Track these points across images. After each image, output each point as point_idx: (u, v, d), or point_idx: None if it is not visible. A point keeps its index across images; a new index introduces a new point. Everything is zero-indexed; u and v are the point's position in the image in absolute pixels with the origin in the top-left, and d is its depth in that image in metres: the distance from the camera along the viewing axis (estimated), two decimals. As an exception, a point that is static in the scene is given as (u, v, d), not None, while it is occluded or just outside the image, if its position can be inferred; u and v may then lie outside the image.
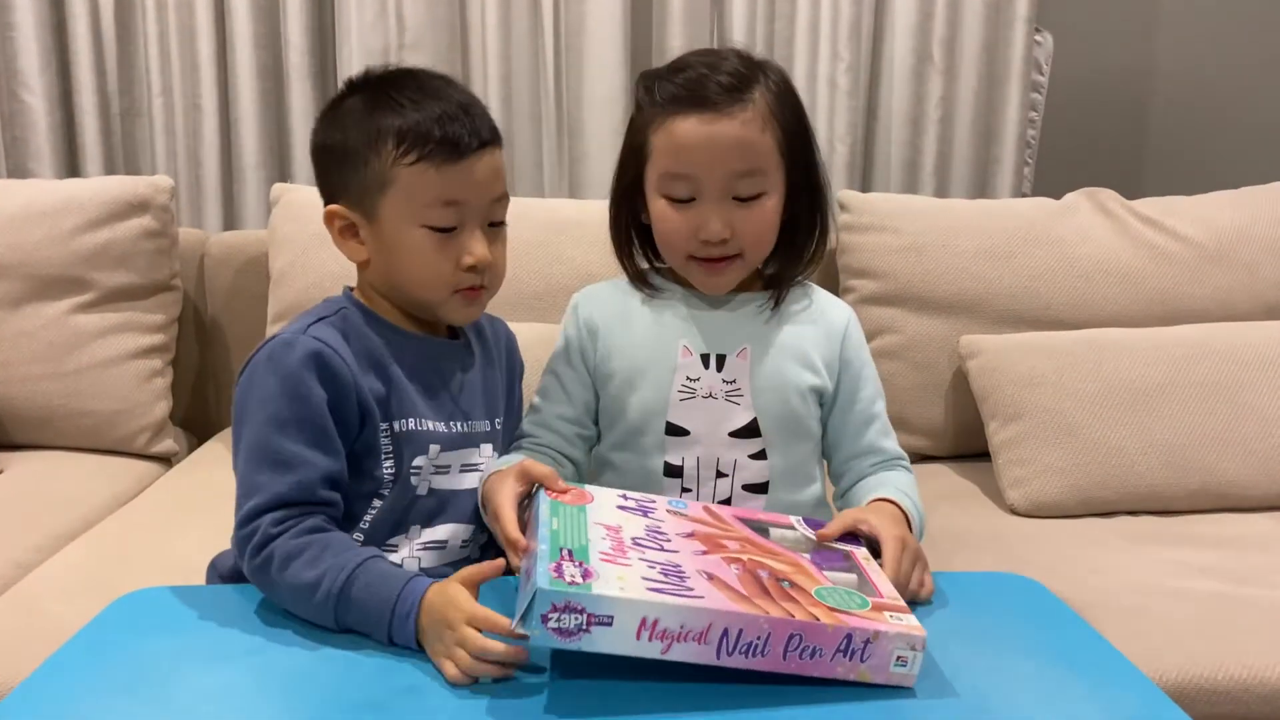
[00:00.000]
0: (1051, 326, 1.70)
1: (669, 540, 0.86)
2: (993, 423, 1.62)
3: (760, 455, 1.10)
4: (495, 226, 1.02)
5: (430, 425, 1.00)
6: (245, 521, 0.90)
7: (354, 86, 1.01)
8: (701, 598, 0.76)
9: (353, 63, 2.04)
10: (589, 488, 0.95)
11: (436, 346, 1.05)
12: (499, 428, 1.09)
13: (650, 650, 0.74)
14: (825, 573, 0.87)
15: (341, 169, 0.99)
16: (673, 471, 1.10)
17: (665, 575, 0.78)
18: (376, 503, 0.98)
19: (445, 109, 0.96)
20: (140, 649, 0.83)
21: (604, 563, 0.78)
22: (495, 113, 2.13)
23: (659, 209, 1.07)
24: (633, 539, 0.84)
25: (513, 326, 1.68)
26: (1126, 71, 2.33)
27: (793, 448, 1.12)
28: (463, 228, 0.98)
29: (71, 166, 2.15)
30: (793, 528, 0.96)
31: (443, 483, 1.02)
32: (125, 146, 2.17)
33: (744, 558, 0.85)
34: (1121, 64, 2.32)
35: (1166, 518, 1.52)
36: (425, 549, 1.02)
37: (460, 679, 0.77)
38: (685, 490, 1.10)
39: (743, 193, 1.04)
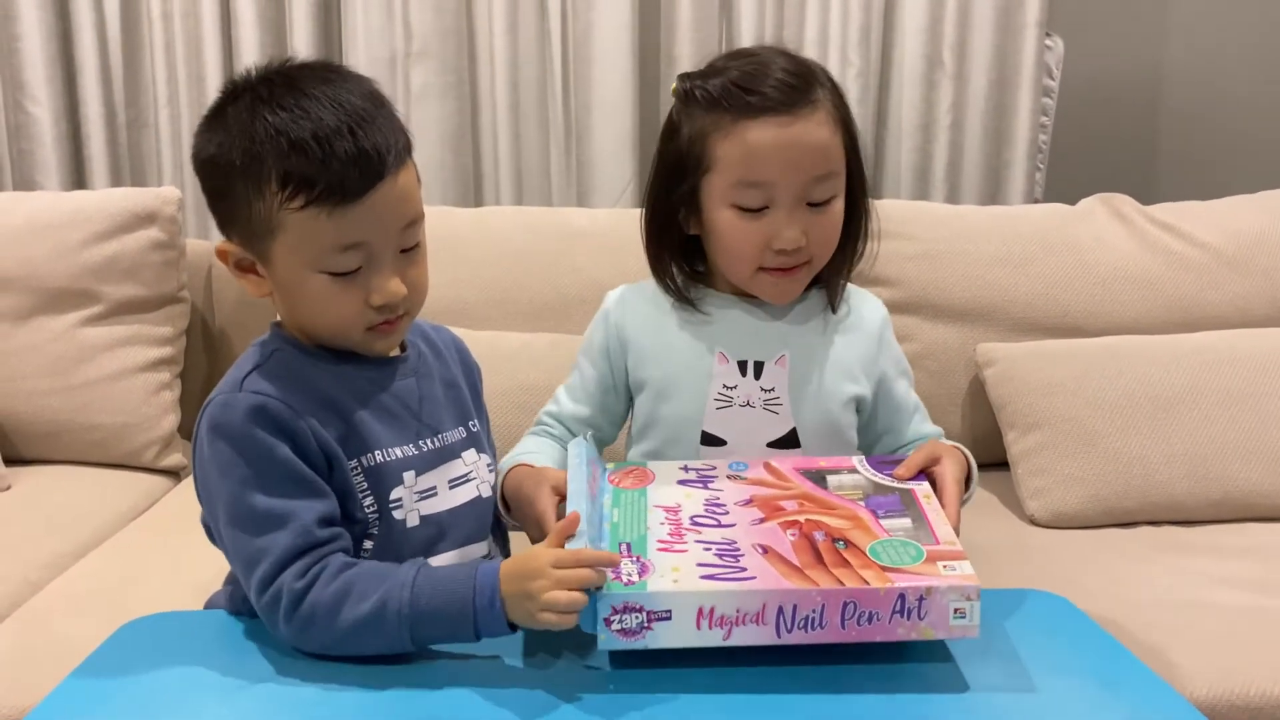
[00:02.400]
0: (1069, 334, 1.69)
1: (726, 513, 0.87)
2: (1011, 432, 1.60)
3: None
4: (409, 251, 0.90)
5: (399, 453, 0.92)
6: (264, 588, 0.83)
7: (234, 92, 0.88)
8: (754, 578, 0.76)
9: (359, 70, 2.03)
10: (651, 464, 0.95)
11: (383, 368, 0.95)
12: (476, 430, 1.02)
13: (712, 638, 0.75)
14: (882, 521, 0.86)
15: (225, 199, 0.88)
16: None
17: (720, 557, 0.79)
18: (367, 544, 0.91)
19: (332, 134, 0.82)
20: (147, 679, 0.81)
21: (661, 553, 0.79)
22: (502, 120, 2.15)
23: (725, 220, 1.02)
24: (691, 519, 0.85)
25: (524, 337, 1.69)
26: (1138, 75, 2.32)
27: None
28: (368, 266, 0.87)
29: (78, 178, 2.14)
30: (854, 469, 0.96)
31: (435, 506, 0.94)
32: (132, 158, 2.16)
33: (801, 519, 0.85)
34: (1133, 68, 2.31)
35: (1189, 528, 1.50)
36: None
37: (569, 620, 0.77)
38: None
39: (817, 198, 1.01)
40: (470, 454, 0.99)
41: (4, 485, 1.66)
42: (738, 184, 1.01)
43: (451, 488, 0.96)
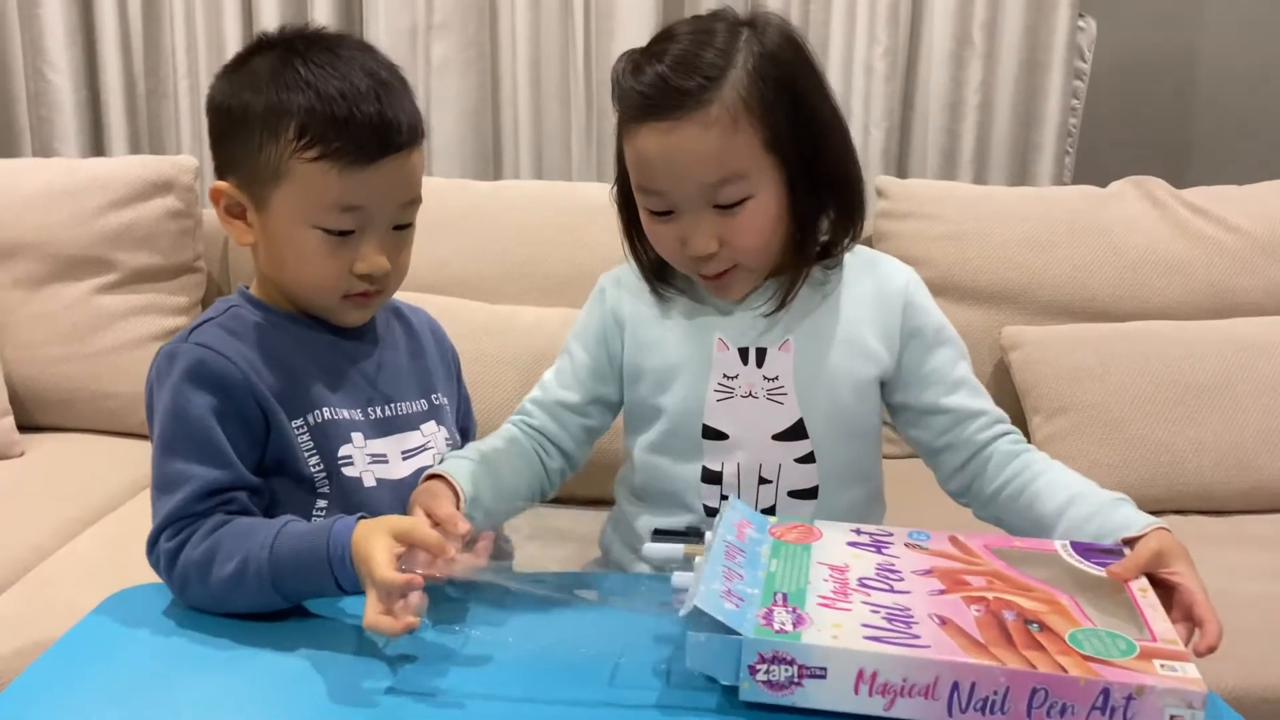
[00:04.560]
0: (1097, 318, 1.65)
1: (901, 579, 0.76)
2: (1036, 417, 1.57)
3: (808, 459, 0.98)
4: (401, 229, 0.92)
5: (346, 414, 0.92)
6: (150, 548, 0.85)
7: (264, 44, 0.89)
8: (927, 646, 0.67)
9: (380, 44, 2.01)
10: (818, 523, 0.84)
11: (342, 333, 0.96)
12: (440, 402, 1.01)
13: (872, 706, 0.66)
14: (1087, 610, 0.73)
15: (234, 142, 0.88)
16: (711, 477, 0.99)
17: (889, 621, 0.70)
18: (321, 503, 0.91)
19: (359, 97, 0.84)
20: (129, 653, 0.78)
21: (821, 608, 0.70)
22: (523, 94, 2.13)
23: (645, 221, 0.96)
24: (859, 580, 0.75)
25: (540, 311, 1.67)
26: (1172, 57, 2.26)
27: (845, 448, 1.00)
28: (361, 232, 0.88)
29: (97, 147, 2.14)
30: (1055, 553, 0.81)
31: (387, 473, 0.94)
32: (151, 127, 2.15)
33: (989, 596, 0.74)
34: (1166, 49, 2.25)
35: (1218, 518, 1.47)
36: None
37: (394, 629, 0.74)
38: (724, 497, 0.98)
39: (723, 200, 0.90)
40: (430, 426, 0.99)
41: (17, 451, 1.66)
42: (638, 189, 0.94)
43: (405, 458, 0.96)
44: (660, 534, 0.87)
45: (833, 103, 0.95)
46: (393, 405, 0.97)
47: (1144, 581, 0.77)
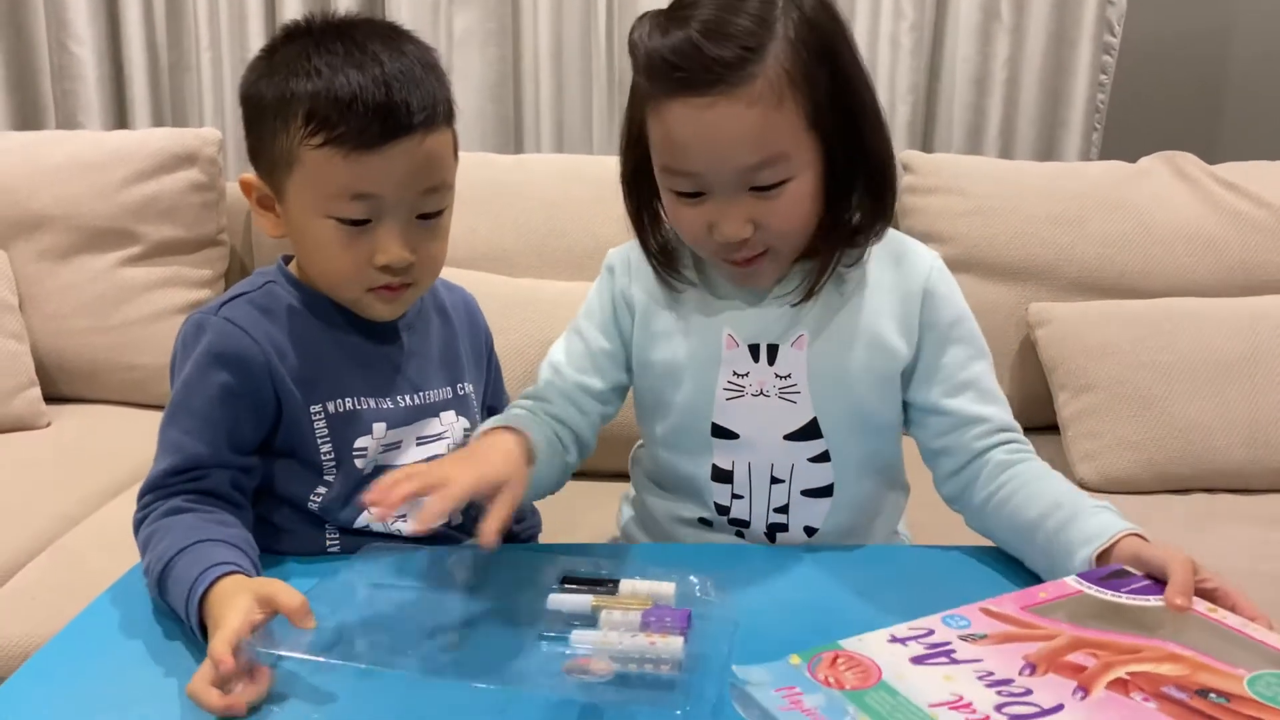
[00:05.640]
0: (1125, 295, 1.63)
1: (1028, 692, 0.64)
2: (1062, 394, 1.55)
3: (822, 458, 0.93)
4: (429, 218, 0.87)
5: (372, 404, 0.90)
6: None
7: (290, 34, 0.88)
8: None
9: (401, 17, 2.00)
10: (844, 643, 0.69)
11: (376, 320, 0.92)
12: (465, 392, 0.98)
13: None
14: (1203, 651, 0.67)
15: (256, 132, 0.87)
16: (721, 476, 0.95)
17: None
18: (321, 489, 0.90)
19: (368, 81, 0.81)
20: (148, 624, 0.78)
21: None
22: (544, 70, 2.11)
23: (668, 203, 0.88)
24: (999, 709, 0.62)
25: (563, 285, 1.66)
26: (1202, 32, 2.22)
27: (863, 444, 0.94)
28: (379, 221, 0.84)
29: (120, 120, 2.14)
30: (1080, 593, 0.75)
31: (393, 459, 0.91)
32: (174, 100, 2.15)
33: (1121, 674, 0.65)
34: (1197, 24, 2.22)
35: (1247, 496, 1.45)
36: (394, 519, 0.91)
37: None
38: (737, 497, 0.94)
39: (761, 183, 0.83)
40: (449, 415, 0.96)
41: (44, 422, 1.67)
42: (665, 170, 0.86)
43: (419, 445, 0.94)
44: (569, 582, 0.79)
45: (866, 74, 0.86)
46: (421, 394, 0.94)
47: (1205, 604, 0.73)
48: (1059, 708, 0.62)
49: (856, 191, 0.88)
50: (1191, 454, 1.45)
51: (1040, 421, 1.64)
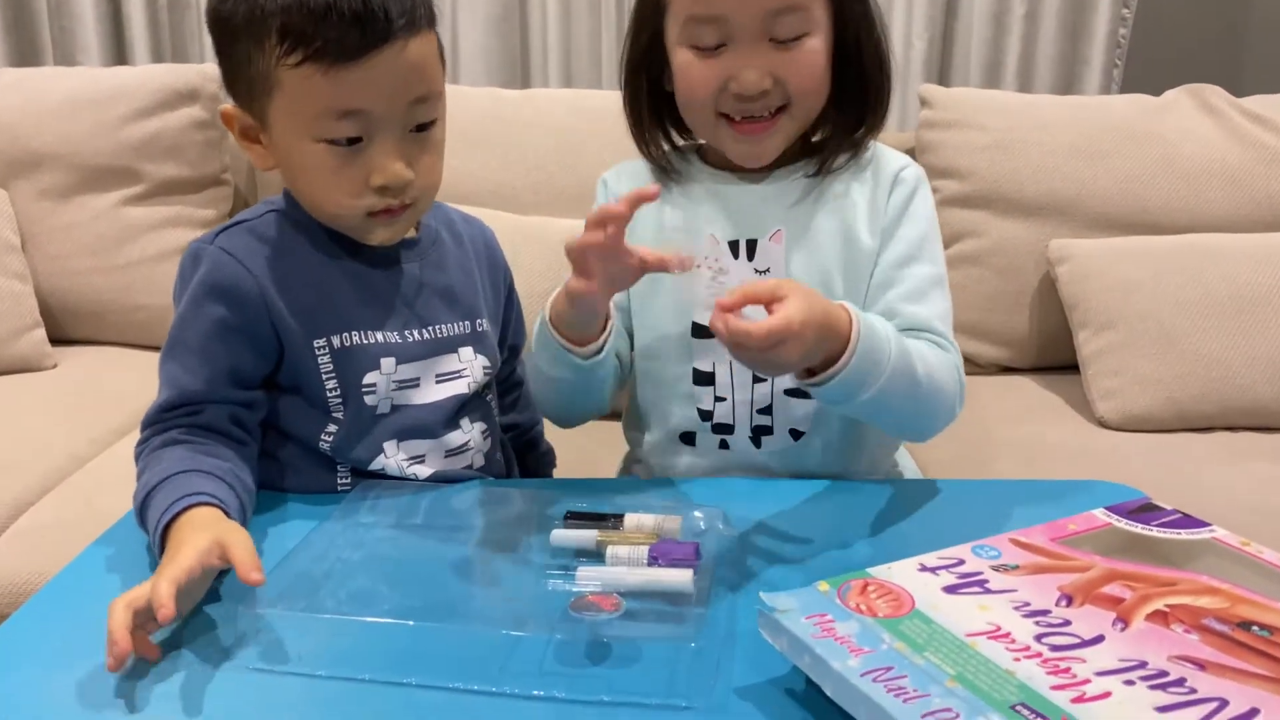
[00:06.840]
0: (1149, 231, 1.59)
1: (1066, 623, 0.63)
2: (1083, 332, 1.52)
3: None
4: (422, 130, 0.83)
5: (379, 337, 0.87)
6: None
7: None
8: (1226, 702, 0.55)
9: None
10: (872, 570, 0.67)
11: (384, 250, 0.89)
12: (482, 329, 0.95)
13: None
14: (1238, 588, 0.65)
15: (230, 57, 0.82)
16: (703, 379, 0.95)
17: (1166, 690, 0.56)
18: (331, 427, 0.87)
19: None
20: (135, 580, 0.72)
21: (1076, 704, 0.55)
22: (552, 4, 2.06)
23: (682, 61, 0.90)
24: (1039, 639, 0.61)
25: (569, 223, 1.62)
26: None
27: None
28: (370, 139, 0.80)
29: (119, 58, 2.10)
30: (1113, 526, 0.73)
31: (412, 398, 0.89)
32: (173, 39, 2.11)
33: (1160, 606, 0.64)
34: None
35: (1270, 434, 1.43)
36: (412, 462, 0.89)
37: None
38: (720, 399, 0.95)
39: (781, 34, 0.87)
40: (468, 351, 0.93)
41: (50, 364, 1.66)
42: (689, 20, 0.88)
43: (438, 382, 0.90)
44: (573, 516, 0.78)
45: None
46: (431, 328, 0.91)
47: (1226, 532, 0.72)
48: (1099, 639, 0.61)
49: (854, 79, 0.92)
50: (1214, 391, 1.43)
51: (1060, 360, 1.61)
